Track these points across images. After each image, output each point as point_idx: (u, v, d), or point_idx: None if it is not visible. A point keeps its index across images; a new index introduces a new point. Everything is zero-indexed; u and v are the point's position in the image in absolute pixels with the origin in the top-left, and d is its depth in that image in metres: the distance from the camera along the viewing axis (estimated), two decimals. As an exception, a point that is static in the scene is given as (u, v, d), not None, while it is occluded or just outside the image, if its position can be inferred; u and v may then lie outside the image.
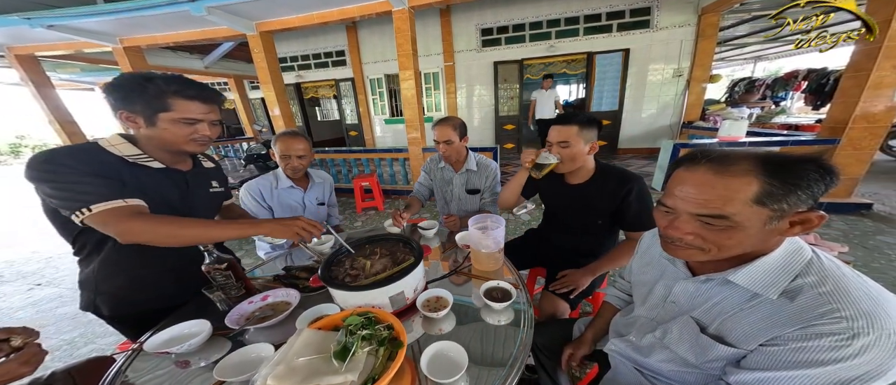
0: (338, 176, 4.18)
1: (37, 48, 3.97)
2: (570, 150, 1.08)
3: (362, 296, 0.79)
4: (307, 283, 0.97)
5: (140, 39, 3.77)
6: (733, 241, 0.48)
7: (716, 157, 0.49)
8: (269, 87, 3.64)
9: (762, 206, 0.45)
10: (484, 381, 0.65)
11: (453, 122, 1.49)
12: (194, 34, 3.54)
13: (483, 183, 1.62)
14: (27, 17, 3.11)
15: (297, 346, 0.66)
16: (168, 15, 3.03)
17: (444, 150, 1.51)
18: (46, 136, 3.86)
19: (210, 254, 0.88)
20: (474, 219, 1.10)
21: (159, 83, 0.76)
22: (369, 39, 5.77)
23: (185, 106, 0.79)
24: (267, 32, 3.38)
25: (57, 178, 0.70)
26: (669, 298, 0.64)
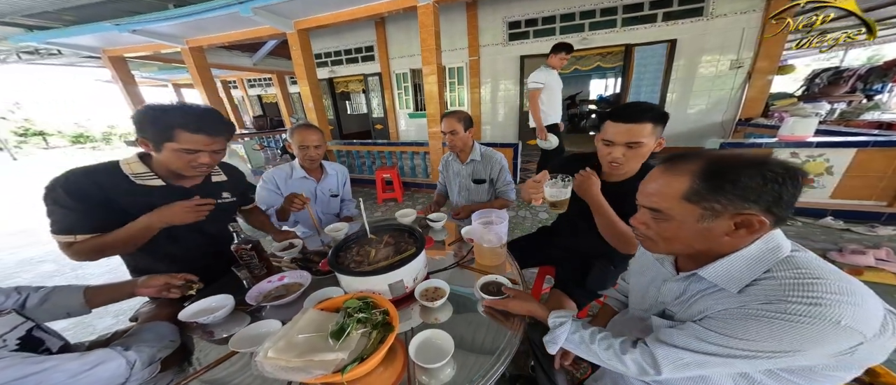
0: (362, 167, 4.27)
1: (125, 50, 4.46)
2: (640, 150, 0.89)
3: (363, 281, 0.81)
4: (318, 266, 1.02)
5: (202, 40, 4.09)
6: (670, 232, 0.53)
7: (673, 157, 0.54)
8: (304, 82, 3.78)
9: (690, 203, 0.49)
10: (470, 368, 0.64)
11: (459, 115, 1.52)
12: (243, 34, 3.76)
13: (488, 173, 1.64)
14: (116, 24, 3.52)
15: (301, 323, 0.69)
16: (222, 17, 3.24)
17: (449, 140, 1.55)
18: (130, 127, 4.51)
19: (238, 234, 0.95)
20: (478, 214, 1.08)
21: (170, 116, 0.83)
22: (396, 35, 5.73)
23: (188, 138, 0.85)
24: (303, 30, 3.50)
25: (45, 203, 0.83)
26: (660, 299, 0.64)
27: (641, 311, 0.71)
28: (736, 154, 0.49)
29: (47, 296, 0.79)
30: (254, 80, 8.69)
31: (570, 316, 0.70)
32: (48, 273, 2.35)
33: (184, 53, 4.22)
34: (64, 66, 7.10)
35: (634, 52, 4.53)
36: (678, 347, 0.51)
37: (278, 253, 1.13)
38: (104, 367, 0.57)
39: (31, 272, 2.42)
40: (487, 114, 5.69)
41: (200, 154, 0.89)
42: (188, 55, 4.20)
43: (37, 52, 5.32)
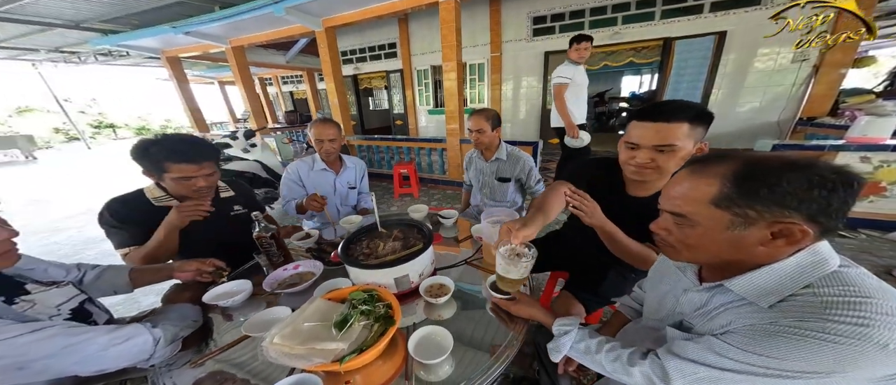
0: (381, 162, 4.33)
1: (179, 51, 4.85)
2: (674, 156, 0.73)
3: (370, 274, 0.81)
4: (330, 257, 1.04)
5: (242, 40, 4.33)
6: (694, 240, 0.48)
7: (702, 158, 0.50)
8: (330, 79, 3.89)
9: (719, 209, 0.44)
10: (468, 366, 0.63)
11: (487, 114, 1.51)
12: (277, 33, 3.94)
13: (515, 173, 1.62)
14: (173, 26, 3.84)
15: (308, 312, 0.71)
16: (259, 17, 3.41)
17: (476, 139, 1.53)
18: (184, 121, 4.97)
19: (259, 222, 0.99)
20: (487, 213, 1.05)
21: (155, 151, 0.95)
22: (418, 31, 5.71)
23: (178, 168, 0.96)
24: (330, 28, 3.59)
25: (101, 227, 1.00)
26: (677, 309, 0.58)
27: (656, 320, 0.66)
28: (776, 155, 0.43)
29: (101, 273, 0.88)
30: (287, 77, 9.09)
31: (576, 324, 0.66)
32: (108, 251, 2.64)
33: (227, 52, 4.49)
34: (130, 66, 7.87)
35: (674, 45, 4.13)
36: (693, 361, 0.46)
37: (296, 242, 1.17)
38: (133, 341, 0.62)
39: (93, 250, 2.70)
40: (509, 111, 5.53)
41: (195, 179, 0.99)
42: (231, 54, 4.47)
43: (110, 54, 5.93)
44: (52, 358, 0.54)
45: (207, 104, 8.16)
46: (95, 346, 0.58)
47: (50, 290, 0.71)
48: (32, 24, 4.25)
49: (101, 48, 5.01)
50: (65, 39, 5.15)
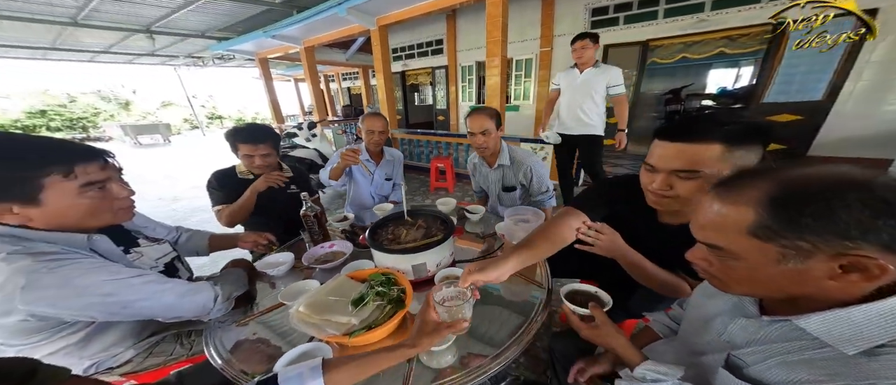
0: (420, 155, 4.38)
1: (267, 52, 5.58)
2: (698, 184, 0.57)
3: (390, 258, 0.84)
4: (360, 240, 1.10)
5: (313, 40, 4.78)
6: (741, 273, 0.40)
7: (729, 179, 0.41)
8: (380, 74, 4.04)
9: (760, 240, 0.36)
10: (473, 361, 0.62)
11: (488, 112, 1.29)
12: (340, 32, 4.25)
13: (519, 178, 1.37)
14: (264, 31, 4.43)
15: (332, 286, 0.76)
16: (325, 18, 3.71)
17: (481, 142, 1.30)
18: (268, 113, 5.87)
19: (305, 201, 1.09)
20: (513, 210, 1.00)
21: (231, 135, 1.25)
22: (465, 27, 5.56)
23: (244, 148, 1.24)
24: (384, 26, 3.72)
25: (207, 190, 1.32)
26: (725, 338, 0.48)
27: (695, 344, 0.55)
28: (823, 172, 0.33)
29: (191, 236, 1.07)
30: (346, 74, 9.78)
31: (677, 375, 0.49)
32: (208, 219, 3.25)
33: (300, 52, 5.00)
34: (236, 67, 9.35)
35: (788, 30, 2.96)
36: None
37: (335, 223, 1.27)
38: (200, 295, 0.74)
39: (198, 217, 3.33)
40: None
41: (254, 158, 1.25)
42: (303, 53, 4.97)
43: (222, 58, 7.09)
44: (146, 300, 0.66)
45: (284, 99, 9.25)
46: (175, 295, 0.70)
47: (153, 246, 0.88)
48: (176, 35, 5.30)
49: (217, 53, 6.02)
50: (194, 47, 6.31)
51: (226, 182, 1.29)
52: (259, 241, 1.06)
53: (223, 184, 1.29)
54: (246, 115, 26.50)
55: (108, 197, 0.69)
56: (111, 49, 6.21)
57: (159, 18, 4.46)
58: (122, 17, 4.40)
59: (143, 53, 6.70)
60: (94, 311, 0.63)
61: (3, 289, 0.55)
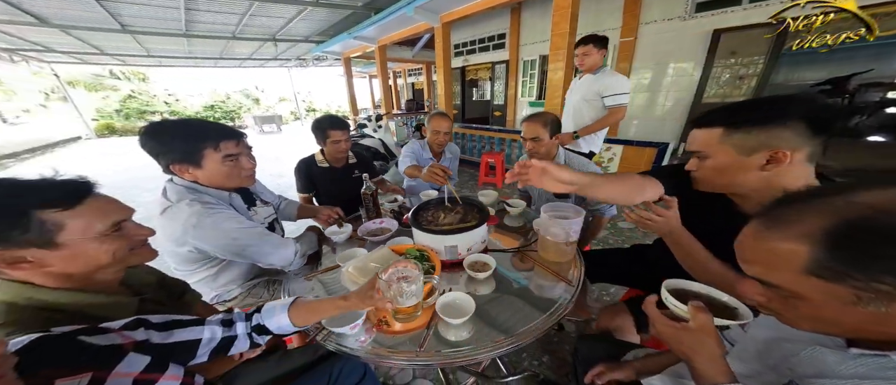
0: (472, 150, 4.33)
1: (350, 52, 6.26)
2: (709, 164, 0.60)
3: (427, 237, 0.91)
4: (403, 219, 1.20)
5: (386, 39, 5.15)
6: (809, 312, 0.33)
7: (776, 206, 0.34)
8: (441, 70, 4.10)
9: (823, 281, 0.29)
10: (483, 340, 0.64)
11: (544, 118, 1.22)
12: (409, 31, 4.46)
13: None
14: (348, 33, 4.94)
15: (376, 255, 0.87)
16: (397, 18, 3.93)
17: (531, 148, 1.25)
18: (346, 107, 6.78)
19: (366, 181, 1.25)
20: (551, 205, 0.94)
21: (323, 122, 1.44)
22: (530, 21, 5.15)
23: (333, 134, 1.44)
24: (447, 23, 3.75)
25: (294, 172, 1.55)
26: (791, 366, 0.40)
27: (750, 366, 0.46)
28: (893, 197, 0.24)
29: (287, 205, 1.34)
30: (411, 70, 10.22)
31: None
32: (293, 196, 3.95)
33: (375, 51, 5.45)
34: (328, 67, 10.79)
35: None
36: None
37: (386, 204, 1.41)
38: (288, 248, 0.92)
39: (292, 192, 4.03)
40: (640, 106, 4.29)
41: (340, 143, 1.46)
42: (377, 52, 5.40)
43: (319, 58, 8.28)
44: (255, 247, 0.87)
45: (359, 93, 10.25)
46: (272, 245, 0.90)
47: (264, 207, 1.11)
48: (290, 41, 6.38)
49: (315, 54, 7.04)
50: (301, 50, 7.51)
51: (304, 170, 1.53)
52: (331, 215, 1.25)
53: (303, 171, 1.54)
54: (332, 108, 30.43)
55: (238, 166, 0.89)
56: (252, 56, 8.04)
57: (281, 28, 5.44)
58: (259, 30, 5.53)
59: (269, 58, 8.40)
60: (227, 251, 0.85)
61: (184, 225, 0.79)
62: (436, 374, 1.17)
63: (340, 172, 1.56)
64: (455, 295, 0.73)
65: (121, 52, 7.16)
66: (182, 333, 0.51)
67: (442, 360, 0.61)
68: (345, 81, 6.82)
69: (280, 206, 1.29)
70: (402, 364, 0.62)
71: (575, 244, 0.88)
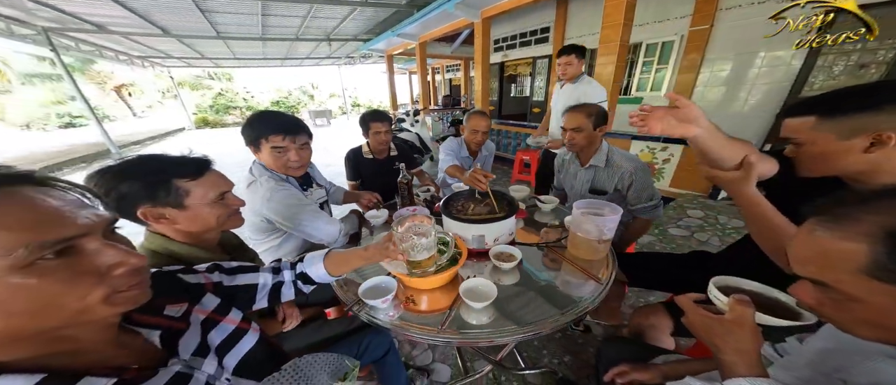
0: (507, 146, 4.18)
1: (392, 50, 6.48)
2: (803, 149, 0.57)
3: (455, 225, 0.93)
4: (434, 208, 1.24)
5: (426, 36, 5.21)
6: (860, 316, 0.31)
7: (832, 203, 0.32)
8: (479, 66, 4.02)
9: (882, 282, 0.27)
10: (500, 328, 0.65)
11: (588, 109, 1.16)
12: (449, 26, 4.46)
13: (613, 184, 1.18)
14: (392, 31, 5.11)
15: (407, 238, 0.92)
16: (438, 14, 3.95)
17: (570, 139, 1.19)
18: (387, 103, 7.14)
19: (402, 171, 1.31)
20: (586, 202, 0.90)
21: (368, 116, 1.56)
22: (579, 13, 4.69)
23: (374, 126, 1.56)
24: (488, 18, 3.66)
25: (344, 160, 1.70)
26: (842, 374, 0.37)
27: (797, 374, 0.42)
28: None
29: (336, 191, 1.47)
30: (449, 66, 10.18)
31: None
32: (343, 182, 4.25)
33: (417, 48, 5.57)
34: (373, 64, 11.36)
35: None
36: None
37: (419, 193, 1.47)
38: (334, 226, 1.03)
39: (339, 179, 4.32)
40: (712, 101, 3.64)
41: (381, 134, 1.57)
42: (418, 49, 5.51)
43: (365, 56, 8.77)
44: (308, 223, 0.99)
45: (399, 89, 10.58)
46: (321, 222, 1.01)
47: (318, 190, 1.26)
48: (342, 40, 6.84)
49: (362, 52, 7.45)
50: (350, 49, 8.02)
51: (352, 159, 1.68)
52: (371, 200, 1.37)
53: (351, 159, 1.69)
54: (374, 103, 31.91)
55: (284, 157, 0.98)
56: (309, 55, 8.84)
57: (334, 28, 5.86)
58: (317, 31, 6.03)
59: (323, 57, 9.15)
60: (287, 223, 0.98)
61: (261, 197, 0.94)
62: (454, 361, 1.20)
63: (383, 163, 1.67)
64: (479, 281, 0.75)
65: (215, 56, 8.50)
66: (243, 277, 0.59)
67: (462, 340, 0.64)
68: (386, 78, 7.09)
69: (330, 191, 1.43)
70: (424, 339, 0.66)
71: (608, 243, 0.83)
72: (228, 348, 0.48)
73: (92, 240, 0.31)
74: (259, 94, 20.36)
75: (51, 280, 0.28)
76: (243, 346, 0.50)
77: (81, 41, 5.82)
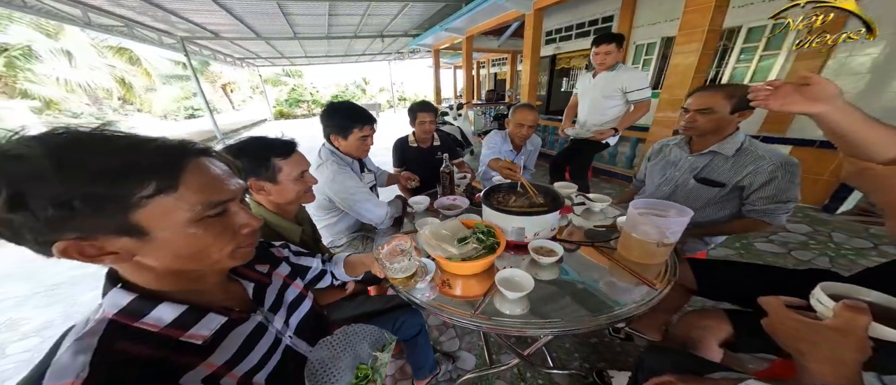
0: (554, 143, 3.88)
1: (439, 44, 6.51)
2: None
3: (496, 216, 0.91)
4: (475, 198, 1.22)
5: (474, 29, 5.11)
6: None
7: None
8: (527, 59, 3.78)
9: None
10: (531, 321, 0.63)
11: (728, 90, 0.93)
12: (497, 20, 4.29)
13: (738, 177, 0.95)
14: (441, 25, 5.10)
15: (448, 225, 0.93)
16: (486, 7, 3.83)
17: (691, 119, 0.99)
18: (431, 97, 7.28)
19: (445, 161, 1.33)
20: (647, 202, 0.79)
21: (416, 107, 1.61)
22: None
23: (421, 116, 1.60)
24: (540, 9, 3.41)
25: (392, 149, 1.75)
26: None
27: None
28: None
29: (382, 174, 1.56)
30: (495, 60, 9.79)
31: None
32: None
33: (463, 42, 5.49)
34: (420, 59, 11.63)
35: None
36: None
37: (459, 182, 1.47)
38: (382, 208, 1.10)
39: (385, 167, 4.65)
40: (854, 92, 2.80)
41: (425, 124, 1.62)
42: (464, 43, 5.43)
43: (413, 51, 9.02)
44: (360, 204, 1.08)
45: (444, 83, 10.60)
46: (371, 203, 1.09)
47: (369, 175, 1.35)
48: (393, 36, 7.14)
49: (411, 47, 7.67)
50: (399, 45, 8.36)
51: (398, 147, 1.76)
52: (408, 179, 1.47)
53: (398, 148, 1.77)
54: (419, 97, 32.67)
55: (366, 144, 1.15)
56: (365, 52, 9.50)
57: (386, 25, 6.14)
58: (372, 28, 6.40)
59: (376, 53, 9.74)
60: (344, 202, 1.08)
61: (326, 178, 1.05)
62: (480, 351, 1.19)
63: (426, 152, 1.72)
64: (515, 271, 0.72)
65: (291, 55, 9.65)
66: (303, 259, 0.69)
67: (492, 326, 0.62)
68: (432, 73, 7.16)
69: (377, 174, 1.52)
70: (457, 321, 0.65)
71: (669, 248, 0.72)
72: (295, 308, 0.55)
73: (235, 204, 0.38)
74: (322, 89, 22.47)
75: (209, 232, 0.35)
76: (303, 309, 0.57)
77: (203, 47, 7.09)
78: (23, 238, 0.28)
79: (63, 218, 0.28)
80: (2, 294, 1.81)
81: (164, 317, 0.35)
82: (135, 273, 0.35)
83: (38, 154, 0.27)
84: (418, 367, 0.97)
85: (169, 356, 0.34)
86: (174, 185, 0.32)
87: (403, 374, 1.11)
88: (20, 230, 0.28)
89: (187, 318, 0.36)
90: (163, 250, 0.33)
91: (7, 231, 0.28)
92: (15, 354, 1.36)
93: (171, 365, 0.34)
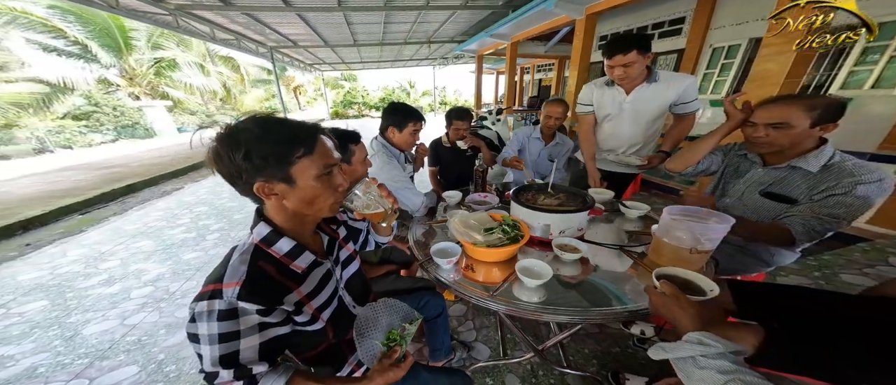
0: None
1: (484, 50, 6.49)
2: None
3: (522, 211, 0.93)
4: (505, 195, 1.25)
5: (519, 35, 4.97)
6: None
7: None
8: (575, 66, 3.59)
9: None
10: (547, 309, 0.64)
11: (808, 102, 0.76)
12: (545, 25, 4.15)
13: (810, 192, 0.79)
14: (487, 31, 5.08)
15: (476, 216, 0.98)
16: (534, 14, 3.74)
17: (765, 134, 0.83)
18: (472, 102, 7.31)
19: (479, 158, 1.38)
20: (681, 208, 0.74)
21: (452, 113, 1.63)
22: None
23: (456, 123, 1.64)
24: (592, 14, 3.24)
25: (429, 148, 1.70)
26: None
27: None
28: None
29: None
30: (540, 66, 9.40)
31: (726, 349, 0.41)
32: None
33: (508, 48, 5.39)
34: (464, 64, 11.78)
35: None
36: None
37: (491, 180, 1.50)
38: (418, 197, 1.20)
39: None
40: None
41: (459, 130, 1.64)
42: (509, 49, 5.33)
43: (458, 57, 9.17)
44: (400, 191, 1.19)
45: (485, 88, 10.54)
46: (411, 192, 1.20)
47: (409, 166, 1.47)
48: (439, 43, 7.39)
49: (455, 53, 7.81)
50: (445, 50, 8.58)
51: (434, 148, 1.82)
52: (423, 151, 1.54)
53: (434, 148, 1.83)
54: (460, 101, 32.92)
55: (415, 139, 1.30)
56: (412, 57, 9.97)
57: (434, 31, 6.39)
58: (421, 34, 6.70)
59: (422, 58, 10.17)
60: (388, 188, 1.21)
61: (375, 166, 1.19)
62: (496, 345, 1.21)
63: (459, 151, 1.78)
64: (535, 262, 0.74)
65: (350, 60, 10.61)
66: (356, 224, 0.80)
67: (510, 309, 0.66)
68: (474, 78, 7.18)
69: (412, 176, 1.64)
70: (477, 300, 0.70)
71: (705, 256, 0.67)
72: (348, 264, 0.67)
73: (338, 168, 0.52)
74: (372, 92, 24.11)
75: (324, 186, 0.49)
76: (352, 268, 0.68)
77: (284, 55, 8.21)
78: (240, 179, 0.44)
79: (261, 166, 0.43)
80: (136, 248, 2.20)
81: (283, 247, 0.50)
82: (277, 212, 0.50)
83: (254, 126, 0.44)
84: (435, 349, 1.03)
85: (283, 277, 0.49)
86: (311, 150, 0.46)
87: (421, 355, 1.17)
88: (242, 173, 0.44)
89: (295, 251, 0.51)
90: (298, 195, 0.47)
91: (237, 173, 0.44)
92: (137, 298, 1.62)
93: (282, 284, 0.48)
